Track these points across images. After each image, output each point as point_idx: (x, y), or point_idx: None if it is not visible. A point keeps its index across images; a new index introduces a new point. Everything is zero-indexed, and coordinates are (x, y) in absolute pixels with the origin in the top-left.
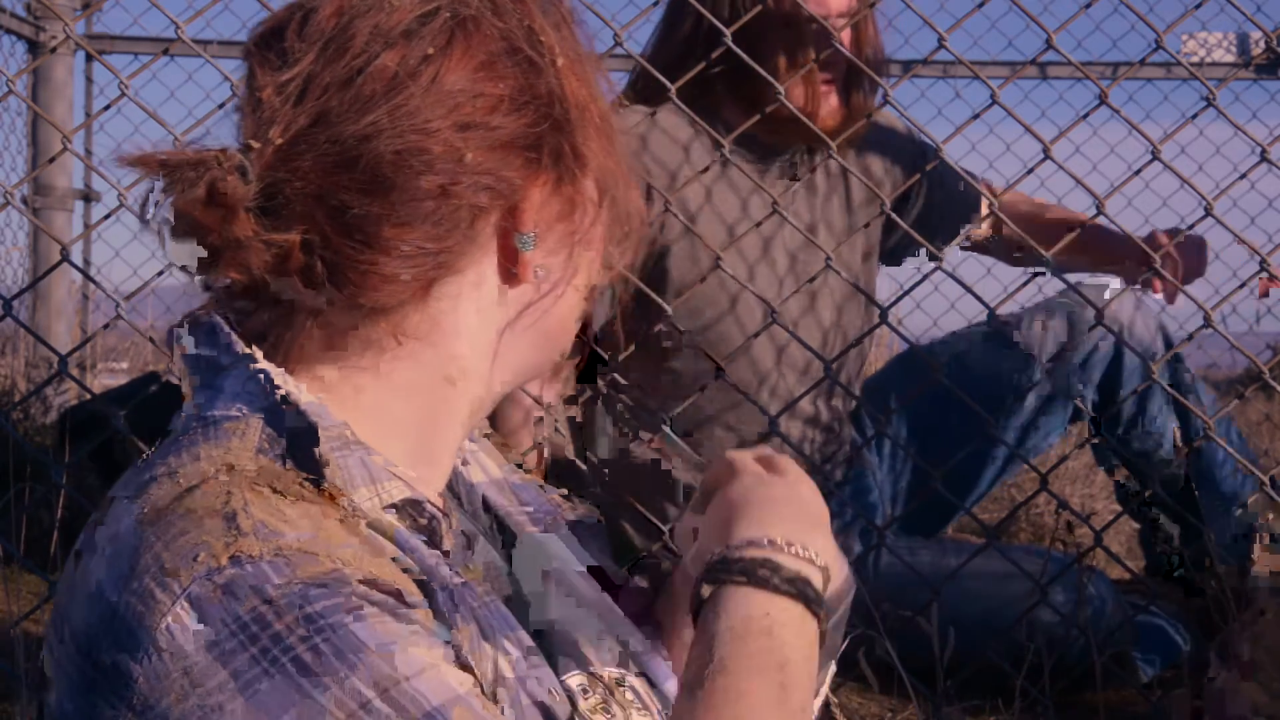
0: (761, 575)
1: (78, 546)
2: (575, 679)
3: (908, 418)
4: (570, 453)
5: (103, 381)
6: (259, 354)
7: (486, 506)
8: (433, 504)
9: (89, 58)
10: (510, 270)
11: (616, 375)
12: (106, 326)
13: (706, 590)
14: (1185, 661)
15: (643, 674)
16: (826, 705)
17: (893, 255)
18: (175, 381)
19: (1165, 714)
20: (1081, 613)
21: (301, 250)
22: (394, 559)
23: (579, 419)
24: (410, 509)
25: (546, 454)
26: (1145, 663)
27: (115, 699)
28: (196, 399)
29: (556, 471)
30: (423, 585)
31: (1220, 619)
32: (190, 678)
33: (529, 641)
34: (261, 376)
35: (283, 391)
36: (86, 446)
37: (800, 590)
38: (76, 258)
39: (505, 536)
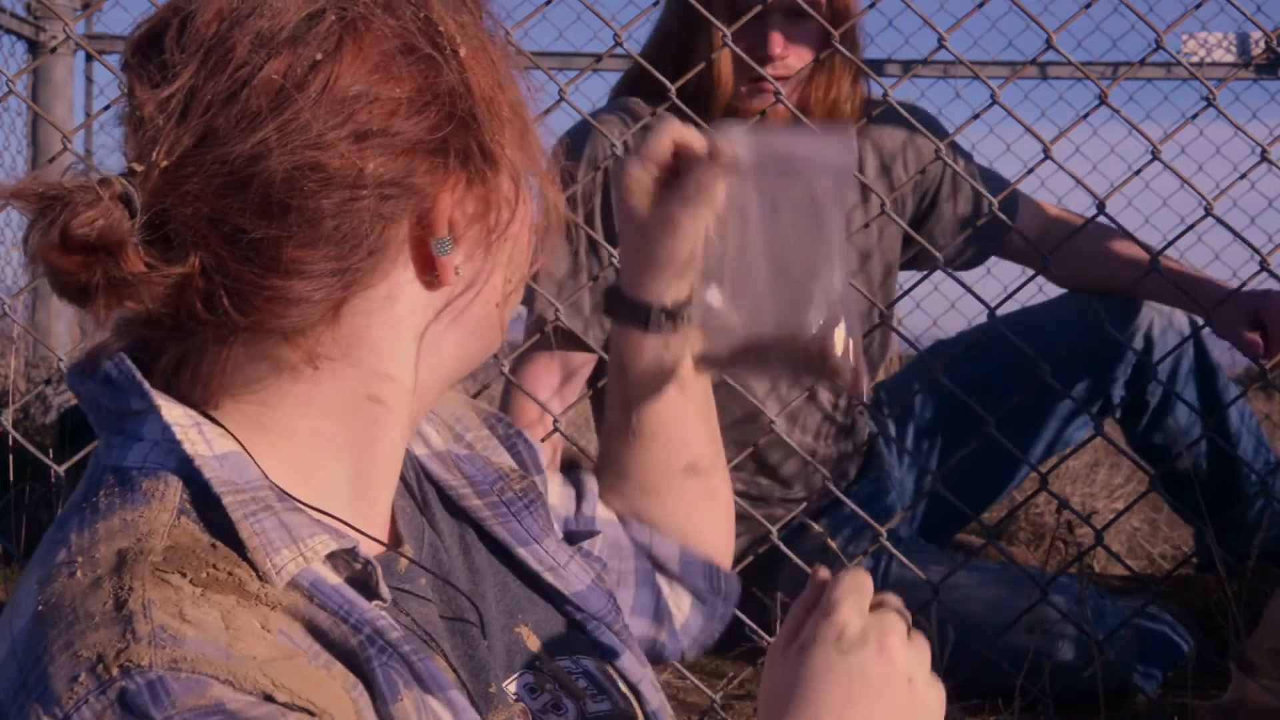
0: None
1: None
2: (524, 679)
3: (947, 405)
4: (580, 456)
5: None
6: (165, 403)
7: (430, 479)
8: (372, 539)
9: (89, 58)
10: (428, 276)
11: None
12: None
13: None
14: (1189, 665)
15: (598, 652)
16: None
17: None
18: None
19: (1167, 714)
20: (1083, 609)
21: (200, 277)
22: (319, 636)
23: (591, 422)
24: (343, 557)
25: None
26: (1147, 678)
27: None
28: (111, 445)
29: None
30: (352, 661)
31: (1221, 619)
32: None
33: (462, 704)
34: (174, 430)
35: (191, 452)
36: (86, 446)
37: None
38: None
39: (454, 515)
